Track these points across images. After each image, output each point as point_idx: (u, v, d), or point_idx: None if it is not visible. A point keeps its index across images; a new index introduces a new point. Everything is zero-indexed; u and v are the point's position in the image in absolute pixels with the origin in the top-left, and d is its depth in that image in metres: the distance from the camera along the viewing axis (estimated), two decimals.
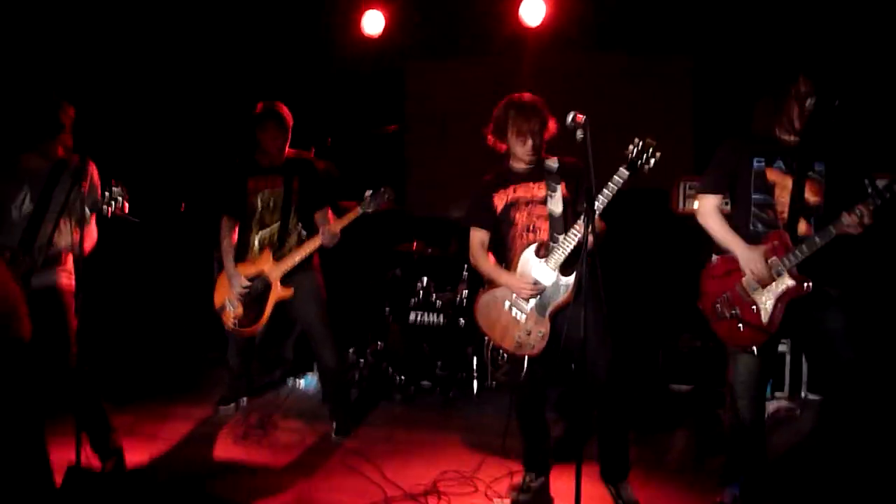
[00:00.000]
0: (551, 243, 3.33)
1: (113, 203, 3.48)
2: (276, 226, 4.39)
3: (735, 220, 3.28)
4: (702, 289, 3.34)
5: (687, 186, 5.04)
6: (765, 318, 3.12)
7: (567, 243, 3.26)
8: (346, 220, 4.23)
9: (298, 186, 4.38)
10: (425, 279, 5.39)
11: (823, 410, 4.60)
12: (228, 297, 4.39)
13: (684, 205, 5.05)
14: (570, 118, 2.94)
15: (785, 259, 3.08)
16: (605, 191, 3.14)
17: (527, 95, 3.49)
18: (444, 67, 6.53)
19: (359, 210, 4.21)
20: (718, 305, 3.25)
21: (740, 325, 3.18)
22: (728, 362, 3.30)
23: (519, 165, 3.51)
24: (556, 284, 3.33)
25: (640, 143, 3.12)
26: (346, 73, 6.33)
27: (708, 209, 3.32)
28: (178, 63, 6.00)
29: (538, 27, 5.69)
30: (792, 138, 3.18)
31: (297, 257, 4.28)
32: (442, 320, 5.20)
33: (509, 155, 3.54)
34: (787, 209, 3.14)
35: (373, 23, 5.92)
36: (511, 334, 3.41)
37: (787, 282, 3.09)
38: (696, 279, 3.39)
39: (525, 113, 3.40)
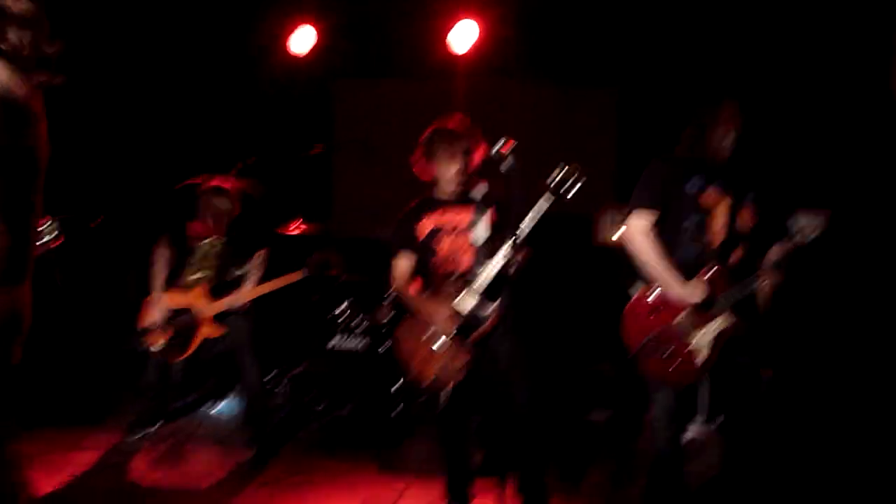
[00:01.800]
0: (474, 271, 3.32)
1: (45, 240, 3.40)
2: (214, 268, 4.40)
3: (665, 245, 3.12)
4: (629, 322, 3.21)
5: (612, 216, 5.12)
6: (700, 358, 3.07)
7: (488, 270, 3.25)
8: (277, 284, 4.34)
9: (235, 234, 4.44)
10: (347, 303, 5.31)
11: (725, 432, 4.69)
12: (154, 322, 4.27)
13: (610, 234, 5.13)
14: (499, 145, 2.95)
15: (726, 297, 3.03)
16: (527, 218, 3.14)
17: (453, 121, 3.48)
18: (372, 89, 6.51)
19: (300, 275, 4.33)
20: (648, 344, 3.12)
21: (673, 364, 3.09)
22: (650, 395, 3.25)
23: (444, 193, 3.50)
24: (477, 313, 3.31)
25: (564, 169, 3.12)
26: (272, 92, 6.23)
27: (639, 228, 3.12)
28: (99, 83, 5.81)
29: (467, 53, 5.72)
30: (723, 162, 3.15)
31: (229, 302, 4.30)
32: (363, 346, 5.13)
33: (436, 182, 3.52)
34: (721, 234, 3.11)
35: (301, 41, 5.85)
36: (431, 365, 3.37)
37: (728, 320, 3.05)
38: (617, 308, 3.34)
39: (449, 139, 3.40)
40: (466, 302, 3.30)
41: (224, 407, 5.16)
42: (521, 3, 5.73)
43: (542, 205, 3.12)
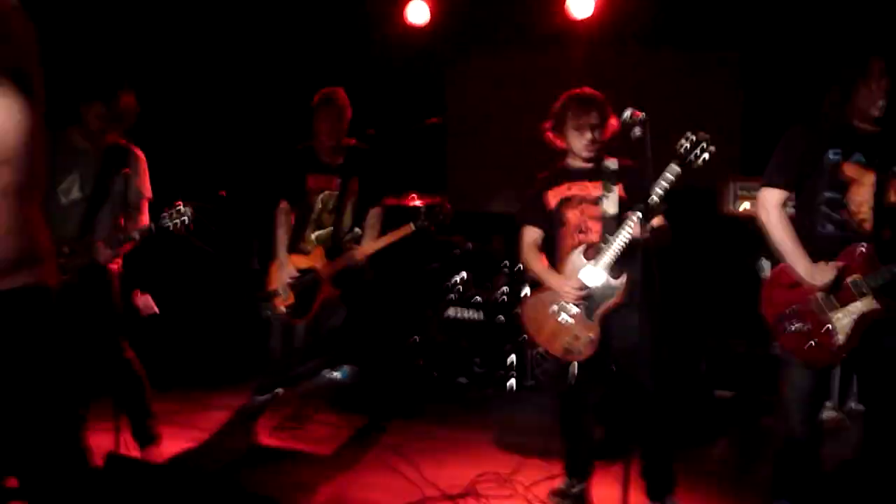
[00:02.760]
0: (601, 244, 3.23)
1: (178, 222, 3.53)
2: (331, 227, 4.43)
3: (800, 219, 3.02)
4: (765, 296, 3.07)
5: (738, 187, 4.90)
6: (840, 339, 2.89)
7: (617, 243, 3.15)
8: (389, 239, 4.30)
9: (356, 187, 4.43)
10: (464, 274, 5.32)
11: (868, 424, 4.45)
12: (280, 285, 4.39)
13: (734, 206, 4.91)
14: (627, 114, 2.85)
15: (871, 279, 2.84)
16: (656, 188, 3.02)
17: (587, 89, 3.37)
18: (488, 60, 6.44)
19: (410, 227, 4.23)
20: (785, 318, 2.99)
21: (811, 341, 2.93)
22: (781, 374, 3.09)
23: (576, 162, 3.39)
24: (605, 286, 3.21)
25: (693, 137, 2.97)
26: (388, 64, 6.26)
27: (772, 203, 3.01)
28: (222, 52, 5.98)
29: (586, 20, 5.58)
30: (870, 128, 2.92)
31: (346, 260, 4.32)
32: (480, 316, 5.13)
33: (566, 152, 3.43)
34: (862, 210, 2.89)
35: (417, 13, 5.85)
36: (558, 339, 3.31)
37: (872, 304, 2.85)
38: (742, 282, 3.22)
39: (584, 106, 3.28)
40: (595, 274, 3.22)
41: (344, 372, 5.28)
42: None
43: (670, 174, 3.00)
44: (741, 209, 4.94)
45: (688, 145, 2.97)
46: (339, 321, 4.57)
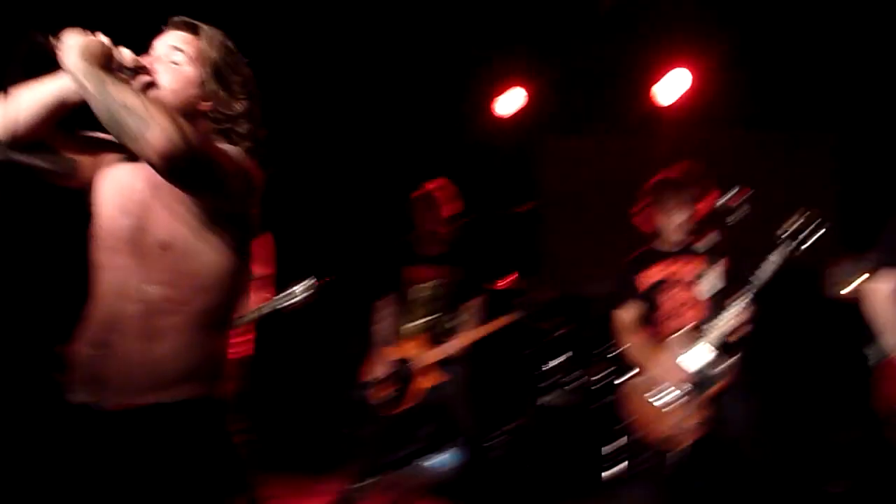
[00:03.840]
0: (704, 325, 3.18)
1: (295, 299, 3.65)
2: (432, 315, 4.48)
3: None
4: (881, 387, 2.91)
5: (846, 267, 4.76)
6: None
7: (720, 326, 3.09)
8: (486, 330, 4.34)
9: (453, 277, 4.48)
10: (561, 359, 5.28)
11: None
12: (377, 375, 4.45)
13: (842, 288, 4.77)
14: (722, 200, 2.85)
15: None
16: (763, 270, 2.97)
17: (677, 171, 3.38)
18: (578, 145, 6.54)
19: (507, 321, 4.30)
20: None
21: None
22: None
23: (668, 243, 3.41)
24: (706, 371, 3.16)
25: (802, 218, 2.93)
26: (481, 153, 6.43)
27: (882, 292, 2.87)
28: (326, 143, 6.26)
29: (673, 104, 5.64)
30: None
31: (447, 350, 4.36)
32: (577, 403, 5.06)
33: (659, 233, 3.44)
34: None
35: (507, 103, 6.03)
36: (659, 425, 3.25)
37: None
38: (852, 367, 3.07)
39: (675, 187, 3.31)
40: (696, 358, 3.16)
41: (443, 459, 5.25)
42: (730, 51, 5.58)
43: (779, 256, 2.95)
44: (850, 291, 4.79)
45: (796, 226, 2.92)
46: (460, 397, 4.50)
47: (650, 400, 3.29)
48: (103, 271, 1.89)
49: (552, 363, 5.27)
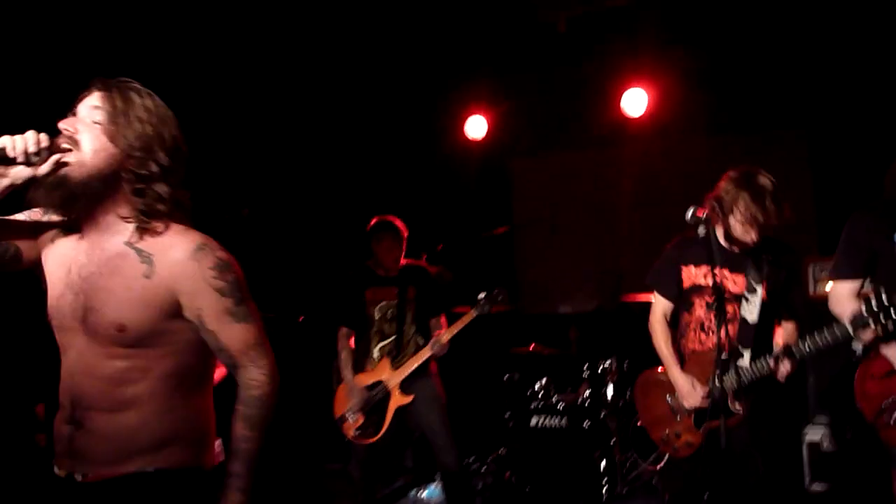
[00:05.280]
0: (736, 353, 2.97)
1: None
2: (392, 335, 4.40)
3: None
4: (859, 389, 2.85)
5: (817, 268, 4.74)
6: None
7: (752, 372, 2.93)
8: (456, 327, 4.21)
9: (414, 296, 4.42)
10: (544, 380, 5.22)
11: None
12: (348, 408, 4.38)
13: (815, 288, 4.74)
14: (690, 212, 2.75)
15: None
16: (811, 341, 2.80)
17: (765, 176, 3.01)
18: (547, 163, 6.54)
19: (473, 313, 4.18)
20: (885, 411, 2.76)
21: None
22: (893, 470, 2.82)
23: (723, 244, 3.08)
24: (722, 405, 2.93)
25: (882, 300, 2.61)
26: (452, 178, 6.42)
27: (842, 295, 2.84)
28: (291, 171, 6.22)
29: (641, 116, 5.63)
30: None
31: (413, 365, 4.26)
32: (565, 423, 4.99)
33: (716, 230, 3.06)
34: None
35: (476, 127, 6.03)
36: (661, 426, 3.18)
37: None
38: (844, 374, 3.01)
39: (763, 200, 2.93)
40: (718, 385, 2.94)
41: (430, 492, 5.16)
42: (691, 58, 5.60)
43: (837, 334, 2.75)
44: (823, 290, 4.76)
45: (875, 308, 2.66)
46: (435, 417, 4.36)
47: (662, 400, 3.19)
48: (63, 350, 1.86)
49: (538, 384, 5.20)
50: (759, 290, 3.03)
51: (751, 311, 3.02)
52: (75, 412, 1.82)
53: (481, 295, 4.20)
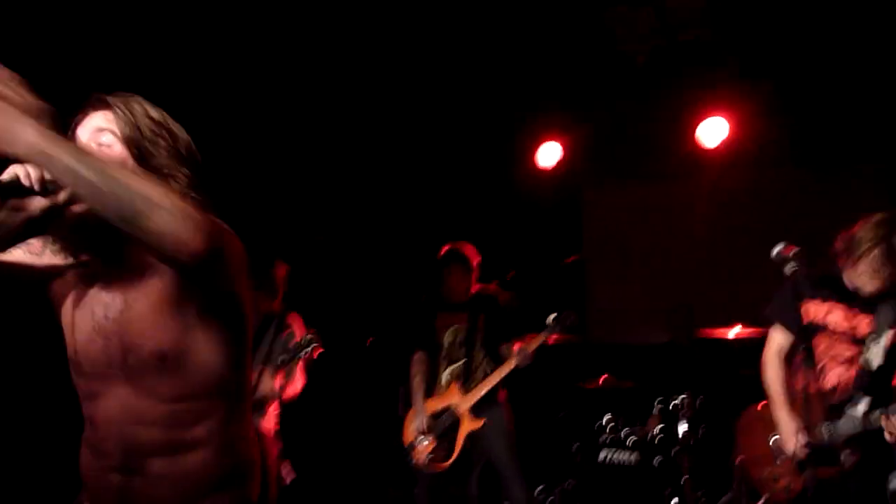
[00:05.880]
0: (854, 401, 2.83)
1: (304, 351, 3.68)
2: (462, 360, 4.39)
3: None
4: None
5: None
6: None
7: (866, 422, 2.77)
8: (537, 342, 4.17)
9: (484, 323, 4.41)
10: (612, 414, 5.13)
11: None
12: (419, 433, 4.38)
13: None
14: (777, 250, 2.67)
15: None
16: None
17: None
18: (620, 193, 6.47)
19: (539, 340, 4.17)
20: None
21: None
22: None
23: (853, 284, 2.94)
24: (830, 453, 2.83)
25: None
26: (524, 205, 6.41)
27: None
28: (366, 197, 6.31)
29: (717, 147, 5.55)
30: None
31: (484, 389, 4.27)
32: (635, 458, 4.89)
33: (843, 270, 2.97)
34: None
35: (548, 155, 6.02)
36: (760, 467, 3.11)
37: None
38: None
39: (891, 257, 2.79)
40: (827, 432, 2.86)
41: None
42: (769, 91, 5.50)
43: None
44: None
45: None
46: (504, 447, 4.36)
47: (767, 440, 3.08)
48: (99, 399, 1.72)
49: (607, 417, 5.11)
50: (888, 334, 2.86)
51: (875, 355, 2.86)
52: (129, 461, 1.69)
53: (551, 317, 4.19)
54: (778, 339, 3.10)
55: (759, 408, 3.26)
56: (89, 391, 1.73)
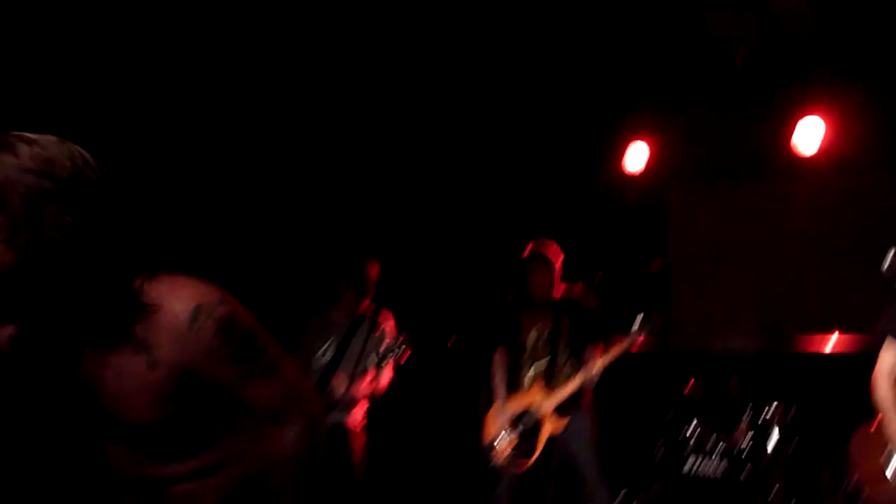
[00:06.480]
0: None
1: (394, 353, 3.73)
2: (546, 359, 4.37)
3: None
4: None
5: None
6: None
7: None
8: (610, 357, 4.14)
9: (568, 325, 4.38)
10: (699, 421, 5.02)
11: None
12: (500, 431, 4.36)
13: None
14: (888, 262, 2.57)
15: None
16: None
17: None
18: (709, 196, 6.32)
19: (626, 341, 4.11)
20: None
21: None
22: None
23: None
24: None
25: None
26: (611, 207, 6.34)
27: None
28: (453, 200, 6.33)
29: (816, 152, 5.37)
30: None
31: (566, 392, 4.23)
32: (722, 469, 4.77)
33: None
34: None
35: (635, 158, 5.94)
36: (873, 485, 3.03)
37: None
38: None
39: None
40: None
41: None
42: (867, 94, 5.31)
43: None
44: None
45: None
46: (588, 453, 4.35)
47: (879, 458, 3.02)
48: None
49: (693, 425, 4.99)
50: None
51: None
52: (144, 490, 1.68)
53: (638, 318, 4.13)
54: (890, 357, 3.00)
55: (872, 429, 3.15)
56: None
